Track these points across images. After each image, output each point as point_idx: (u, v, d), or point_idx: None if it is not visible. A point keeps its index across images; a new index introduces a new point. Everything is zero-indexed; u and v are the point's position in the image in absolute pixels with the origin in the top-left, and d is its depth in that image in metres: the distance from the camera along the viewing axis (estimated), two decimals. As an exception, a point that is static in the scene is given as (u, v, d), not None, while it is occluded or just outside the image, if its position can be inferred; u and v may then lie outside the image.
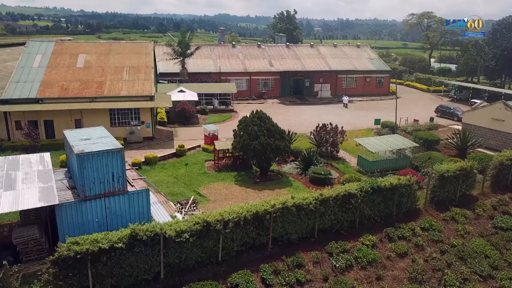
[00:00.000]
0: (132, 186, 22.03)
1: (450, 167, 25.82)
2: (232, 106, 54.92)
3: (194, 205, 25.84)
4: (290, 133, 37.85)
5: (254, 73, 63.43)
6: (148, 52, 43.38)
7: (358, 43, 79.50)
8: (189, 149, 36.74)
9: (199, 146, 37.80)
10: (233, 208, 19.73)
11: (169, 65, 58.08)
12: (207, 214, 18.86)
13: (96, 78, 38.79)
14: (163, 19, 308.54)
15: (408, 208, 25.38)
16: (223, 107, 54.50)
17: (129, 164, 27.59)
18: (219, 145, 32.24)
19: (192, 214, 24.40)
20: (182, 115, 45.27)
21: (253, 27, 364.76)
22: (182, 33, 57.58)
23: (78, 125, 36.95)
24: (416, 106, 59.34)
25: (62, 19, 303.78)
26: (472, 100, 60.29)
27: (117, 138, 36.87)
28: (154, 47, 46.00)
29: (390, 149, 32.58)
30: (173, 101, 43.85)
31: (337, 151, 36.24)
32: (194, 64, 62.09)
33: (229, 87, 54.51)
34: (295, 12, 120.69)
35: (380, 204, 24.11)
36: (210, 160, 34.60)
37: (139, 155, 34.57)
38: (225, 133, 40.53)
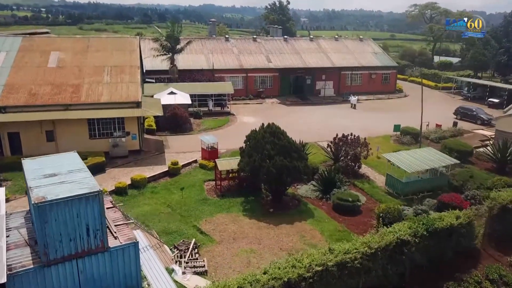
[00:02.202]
0: (116, 238, 16.37)
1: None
2: (228, 107, 49.07)
3: (196, 250, 20.17)
4: (302, 144, 32.26)
5: (251, 70, 57.53)
6: (133, 49, 37.23)
7: (361, 36, 74.01)
8: (184, 165, 30.95)
9: (195, 161, 32.02)
10: (255, 276, 14.30)
11: (157, 62, 51.83)
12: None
13: (72, 80, 32.62)
14: (147, 10, 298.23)
15: (464, 247, 20.35)
16: (218, 108, 48.62)
17: (108, 194, 21.76)
18: (221, 164, 26.48)
19: (194, 267, 18.75)
20: (174, 121, 39.33)
21: (239, 17, 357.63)
22: (171, 25, 51.14)
23: (50, 137, 30.97)
24: (428, 106, 53.81)
25: (42, 9, 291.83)
26: (489, 99, 55.27)
27: (97, 153, 31.40)
28: (140, 42, 39.83)
29: (428, 167, 27.21)
30: (162, 105, 37.86)
31: (359, 167, 30.79)
32: (185, 60, 55.92)
33: (226, 87, 48.59)
34: (288, 2, 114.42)
35: (433, 248, 18.94)
36: (210, 180, 28.88)
37: (124, 176, 28.71)
38: (224, 141, 35.15)
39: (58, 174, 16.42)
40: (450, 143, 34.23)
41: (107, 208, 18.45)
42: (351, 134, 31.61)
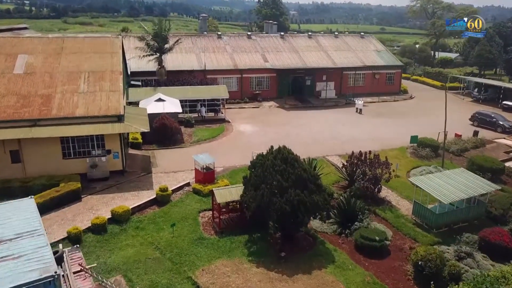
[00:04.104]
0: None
1: None
2: (222, 113, 44.39)
3: (192, 320, 15.67)
4: (311, 161, 27.86)
5: (246, 70, 52.79)
6: (115, 51, 32.34)
7: (362, 33, 69.55)
8: (175, 190, 26.34)
9: (187, 184, 27.39)
10: None
11: (143, 62, 46.87)
12: None
13: (41, 90, 27.71)
14: (134, 2, 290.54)
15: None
16: (211, 114, 43.92)
17: (77, 248, 17.09)
18: (220, 195, 21.88)
19: None
20: (162, 132, 34.57)
21: (228, 10, 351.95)
22: (158, 22, 45.99)
23: (16, 158, 26.10)
24: (437, 109, 49.73)
25: (26, 1, 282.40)
26: (504, 102, 51.24)
27: (72, 176, 26.63)
28: (123, 42, 34.95)
29: (467, 196, 22.91)
30: (149, 114, 33.16)
31: (379, 190, 26.44)
32: (174, 60, 51.03)
33: (220, 91, 43.82)
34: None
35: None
36: (206, 210, 24.33)
37: (104, 205, 24.03)
38: (220, 156, 30.96)
39: (2, 241, 11.82)
40: (478, 160, 30.00)
41: (75, 273, 13.90)
42: (369, 153, 27.19)
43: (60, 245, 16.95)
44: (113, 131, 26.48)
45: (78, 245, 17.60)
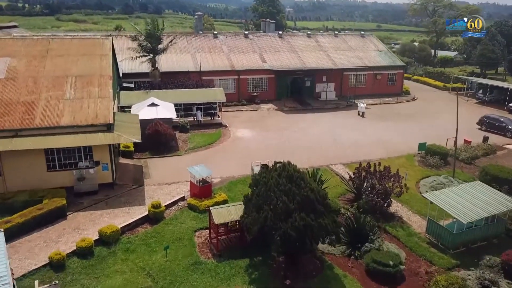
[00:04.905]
0: None
1: None
2: (219, 117, 42.40)
3: None
4: (315, 173, 26.04)
5: (243, 71, 50.75)
6: (104, 53, 30.27)
7: (362, 32, 67.57)
8: (169, 205, 24.38)
9: (182, 198, 25.42)
10: None
11: (136, 63, 44.75)
12: None
13: (24, 96, 25.62)
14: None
15: None
16: (207, 118, 41.93)
17: (55, 286, 15.10)
18: (218, 215, 19.90)
19: None
20: (155, 139, 32.55)
21: (223, 7, 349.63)
22: (151, 22, 43.70)
23: (-5, 171, 24.00)
24: (442, 112, 48.24)
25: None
26: (510, 104, 49.51)
27: (57, 191, 24.46)
28: (113, 42, 32.84)
29: (488, 214, 21.07)
30: (142, 120, 31.21)
31: (389, 205, 24.58)
32: (168, 61, 48.96)
33: (216, 94, 41.78)
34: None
35: None
36: (202, 228, 22.39)
37: (91, 224, 22.05)
38: (217, 165, 29.56)
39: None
40: (492, 170, 28.16)
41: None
42: (379, 165, 25.30)
43: (36, 282, 14.96)
44: (101, 142, 24.42)
45: (56, 282, 15.58)
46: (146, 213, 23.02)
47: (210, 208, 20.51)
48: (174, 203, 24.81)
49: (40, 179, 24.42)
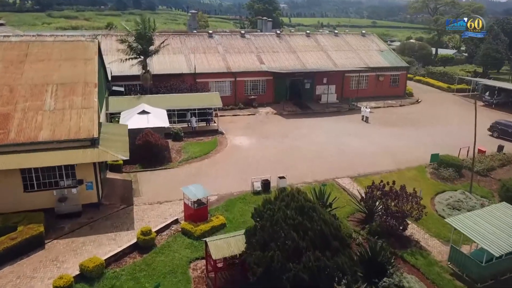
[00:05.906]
0: None
1: None
2: (215, 122, 39.84)
3: None
4: (324, 191, 23.66)
5: (240, 73, 48.15)
6: (89, 57, 27.59)
7: (363, 31, 65.00)
8: (160, 230, 21.84)
9: (175, 221, 22.87)
10: None
11: (126, 65, 41.96)
12: None
13: (-2, 107, 22.98)
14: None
15: None
16: (203, 124, 39.36)
17: None
18: (217, 249, 17.31)
19: None
20: (146, 151, 29.95)
21: (217, 3, 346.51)
22: (142, 22, 40.76)
23: (-35, 193, 21.31)
24: (450, 116, 45.95)
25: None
26: (520, 108, 47.35)
27: (34, 215, 21.47)
28: (99, 44, 30.09)
29: (520, 245, 18.70)
30: (131, 130, 28.61)
31: (405, 228, 22.19)
32: (160, 62, 46.25)
33: (213, 100, 39.17)
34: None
35: None
36: (198, 258, 19.86)
37: (71, 255, 19.45)
38: (213, 179, 27.48)
39: None
40: (514, 185, 25.85)
41: None
42: (393, 183, 22.86)
43: None
44: (84, 159, 21.79)
45: None
46: (135, 240, 20.46)
47: (207, 240, 17.91)
48: (167, 227, 22.26)
49: (15, 201, 21.80)
